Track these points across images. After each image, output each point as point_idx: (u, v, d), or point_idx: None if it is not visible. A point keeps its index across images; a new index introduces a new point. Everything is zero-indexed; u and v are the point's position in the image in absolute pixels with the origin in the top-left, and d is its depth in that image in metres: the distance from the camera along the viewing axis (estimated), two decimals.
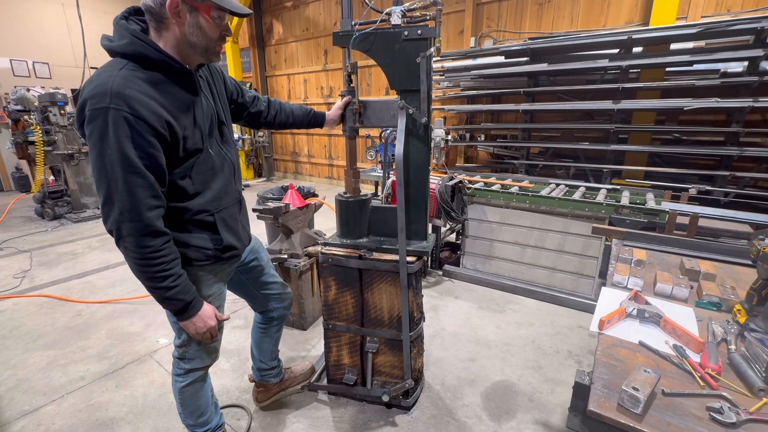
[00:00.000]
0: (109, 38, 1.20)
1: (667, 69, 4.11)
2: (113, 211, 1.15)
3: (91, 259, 4.39)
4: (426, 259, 3.60)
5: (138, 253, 1.19)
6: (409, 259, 1.86)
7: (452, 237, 4.67)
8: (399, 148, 1.78)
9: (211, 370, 2.39)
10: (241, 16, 1.31)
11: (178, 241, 1.34)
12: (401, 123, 1.80)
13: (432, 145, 2.06)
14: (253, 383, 2.15)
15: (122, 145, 1.11)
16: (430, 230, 2.16)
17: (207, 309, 1.40)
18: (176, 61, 1.23)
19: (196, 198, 1.35)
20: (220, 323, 1.53)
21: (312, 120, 1.97)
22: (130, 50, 1.17)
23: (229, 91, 1.63)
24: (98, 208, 6.20)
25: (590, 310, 3.08)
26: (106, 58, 1.24)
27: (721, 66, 3.81)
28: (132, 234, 1.17)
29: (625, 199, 3.21)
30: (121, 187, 1.13)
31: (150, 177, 1.17)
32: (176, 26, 1.19)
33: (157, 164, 1.19)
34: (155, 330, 2.94)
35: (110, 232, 1.19)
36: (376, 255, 1.92)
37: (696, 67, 3.96)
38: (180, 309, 1.32)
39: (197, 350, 1.54)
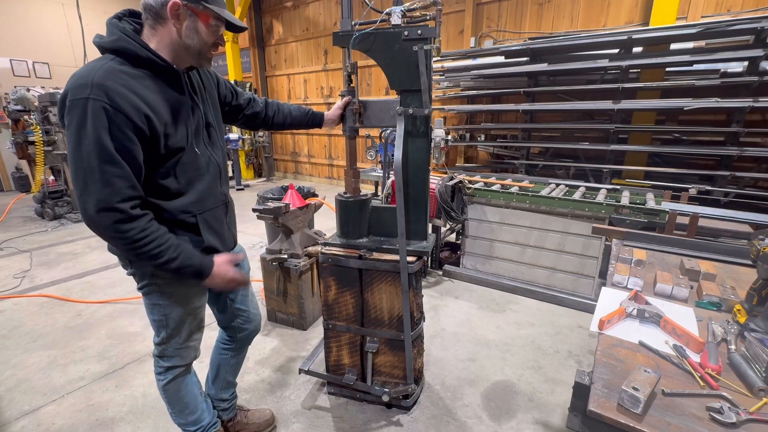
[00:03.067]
0: (101, 36, 1.22)
1: (667, 69, 4.11)
2: (89, 202, 1.13)
3: (91, 259, 4.39)
4: (426, 259, 3.60)
5: (125, 238, 1.18)
6: (409, 259, 1.86)
7: (452, 237, 4.67)
8: (398, 154, 1.77)
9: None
10: (236, 30, 1.34)
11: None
12: (400, 128, 1.80)
13: (432, 145, 2.06)
14: None
15: (99, 135, 1.10)
16: (430, 230, 2.16)
17: (220, 265, 1.38)
18: (163, 60, 1.23)
19: (179, 198, 1.34)
20: (200, 323, 1.57)
21: (311, 120, 1.96)
22: (118, 46, 1.18)
23: (222, 94, 1.63)
24: None
25: (590, 310, 3.08)
26: None
27: (721, 66, 3.81)
28: (112, 223, 1.15)
29: (625, 199, 3.21)
30: (98, 177, 1.12)
31: (127, 168, 1.15)
32: (174, 27, 1.22)
33: (134, 157, 1.17)
34: None
35: (89, 223, 1.17)
36: (376, 255, 1.92)
37: (696, 67, 3.96)
38: (193, 274, 1.32)
39: (176, 349, 1.53)
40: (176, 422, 1.69)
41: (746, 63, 3.65)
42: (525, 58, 4.75)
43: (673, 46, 4.02)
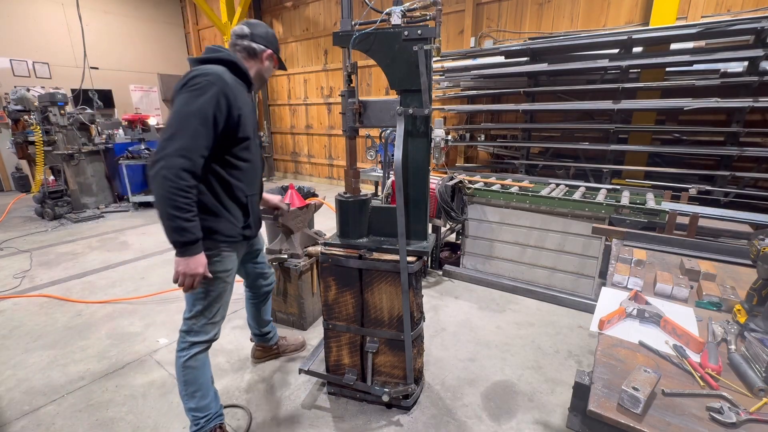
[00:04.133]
0: (208, 53, 1.64)
1: (667, 69, 4.11)
2: (171, 146, 1.41)
3: (91, 259, 4.39)
4: (426, 259, 3.61)
5: (176, 182, 1.41)
6: (409, 259, 1.86)
7: (452, 237, 4.67)
8: (398, 154, 1.78)
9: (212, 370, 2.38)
10: (280, 68, 1.93)
11: (217, 214, 1.65)
12: (400, 128, 1.80)
13: (432, 145, 2.07)
14: (253, 343, 2.54)
15: (206, 106, 1.47)
16: (430, 230, 2.16)
17: (202, 257, 1.56)
18: (249, 77, 1.74)
19: (242, 179, 1.70)
20: (228, 300, 1.81)
21: None
22: (227, 57, 1.64)
23: None
24: (98, 208, 6.25)
25: (590, 310, 3.08)
26: (106, 58, 1.33)
27: (721, 66, 3.81)
28: (178, 167, 1.41)
29: (625, 199, 3.21)
30: (191, 131, 1.44)
31: (211, 137, 1.50)
32: (261, 64, 1.79)
33: (215, 131, 1.52)
34: (155, 330, 2.94)
35: (160, 160, 1.40)
36: (376, 255, 1.92)
37: (696, 67, 3.96)
38: (187, 242, 1.48)
39: (204, 324, 1.73)
40: (187, 407, 1.77)
41: (746, 63, 3.65)
42: (525, 58, 4.75)
43: (673, 46, 4.02)
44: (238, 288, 3.61)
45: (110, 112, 9.25)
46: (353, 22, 1.81)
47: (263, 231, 3.69)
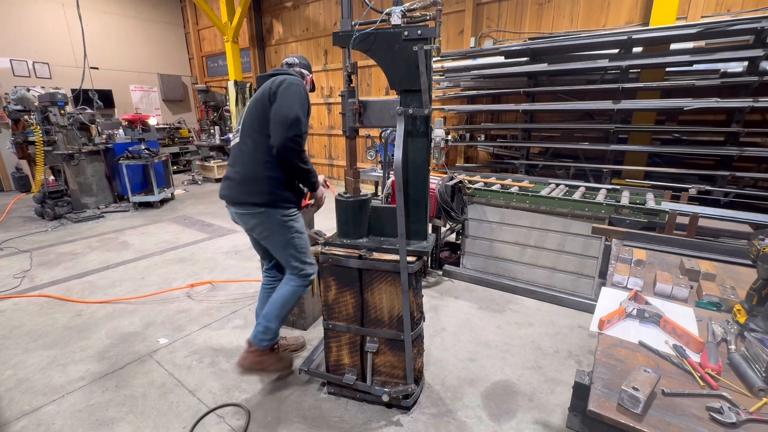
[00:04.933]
0: (285, 71, 2.14)
1: (667, 69, 4.11)
2: (291, 132, 1.88)
3: (91, 259, 4.39)
4: (426, 259, 3.61)
5: (302, 147, 1.96)
6: (409, 259, 1.86)
7: (452, 237, 4.67)
8: (398, 154, 1.78)
9: (212, 370, 2.40)
10: (312, 90, 2.33)
11: (293, 186, 2.12)
12: (400, 128, 1.80)
13: (432, 145, 2.10)
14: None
15: (305, 103, 1.97)
16: (430, 230, 2.17)
17: (321, 188, 2.36)
18: None
19: None
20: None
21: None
22: (296, 74, 2.11)
23: None
24: (98, 208, 6.29)
25: (590, 310, 3.08)
26: (106, 58, 1.33)
27: (721, 66, 3.81)
28: (299, 144, 1.93)
29: (625, 199, 3.21)
30: (298, 122, 1.90)
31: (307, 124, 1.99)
32: (306, 85, 2.15)
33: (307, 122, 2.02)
34: (155, 330, 2.94)
35: (288, 141, 1.88)
36: (376, 255, 1.92)
37: (696, 67, 3.96)
38: (317, 181, 2.18)
39: (312, 265, 2.20)
40: (274, 328, 2.17)
41: (746, 63, 3.65)
42: (525, 58, 4.75)
43: (673, 46, 4.02)
44: (241, 288, 3.61)
45: (110, 112, 9.26)
46: (353, 22, 1.81)
47: None
